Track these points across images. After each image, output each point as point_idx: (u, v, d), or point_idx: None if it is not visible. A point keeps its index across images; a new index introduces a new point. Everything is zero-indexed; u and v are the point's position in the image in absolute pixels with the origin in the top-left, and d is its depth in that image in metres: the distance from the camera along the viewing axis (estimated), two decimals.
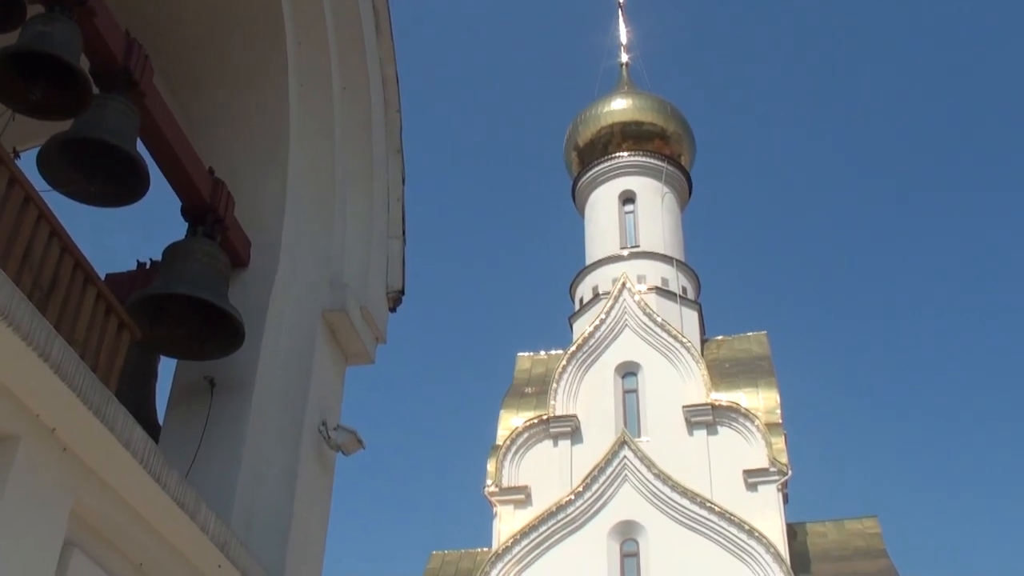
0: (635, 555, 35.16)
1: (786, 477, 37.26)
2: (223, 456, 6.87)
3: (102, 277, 6.22)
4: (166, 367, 7.63)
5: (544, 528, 35.09)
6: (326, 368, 7.76)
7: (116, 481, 4.78)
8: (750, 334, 43.92)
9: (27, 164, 6.40)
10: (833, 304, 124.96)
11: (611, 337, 39.77)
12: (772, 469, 36.88)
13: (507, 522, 36.86)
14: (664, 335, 39.31)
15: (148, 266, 7.38)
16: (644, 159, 45.70)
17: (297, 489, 7.08)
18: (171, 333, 7.00)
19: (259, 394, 7.08)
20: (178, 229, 7.42)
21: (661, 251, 43.48)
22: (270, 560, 6.63)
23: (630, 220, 45.11)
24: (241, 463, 6.86)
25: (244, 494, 6.79)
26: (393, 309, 8.87)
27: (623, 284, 40.61)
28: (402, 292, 8.90)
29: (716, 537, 34.35)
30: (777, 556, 33.75)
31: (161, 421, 7.39)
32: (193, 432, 6.96)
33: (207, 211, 7.17)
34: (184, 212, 7.28)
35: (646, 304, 40.16)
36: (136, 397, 6.79)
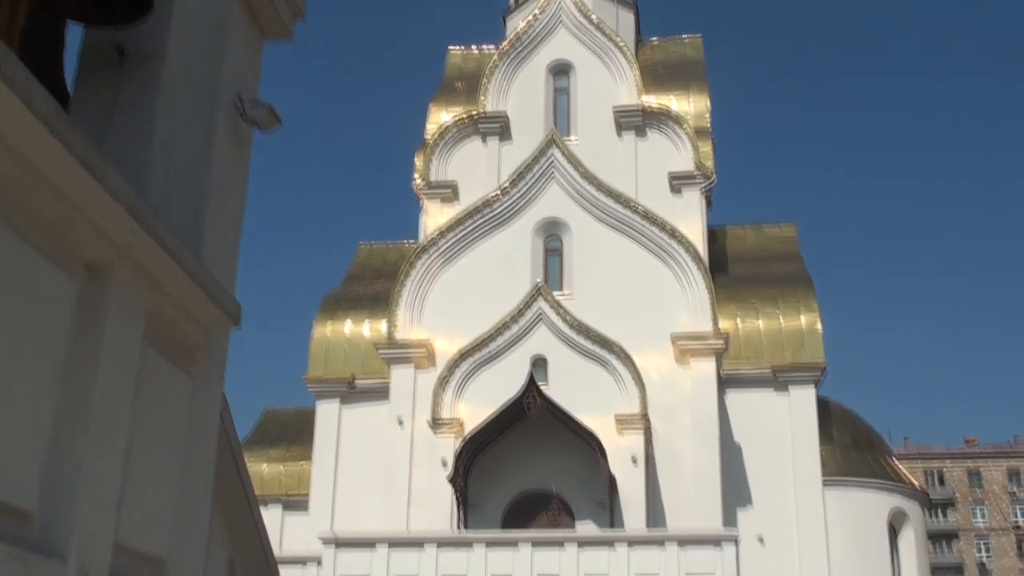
0: (559, 252, 36.05)
1: (710, 182, 37.93)
2: (135, 129, 6.73)
3: None
4: (74, 38, 7.35)
5: (470, 223, 35.64)
6: (240, 40, 7.51)
7: (17, 141, 4.66)
8: (685, 38, 43.48)
9: None
10: (768, 7, 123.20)
11: (545, 35, 39.14)
12: (697, 173, 37.47)
13: (434, 217, 37.38)
14: (599, 35, 38.76)
15: None
16: None
17: (213, 163, 7.02)
18: None
19: (171, 65, 6.86)
20: None
21: None
22: (187, 232, 6.63)
23: None
24: (154, 136, 6.73)
25: (158, 167, 6.70)
26: None
27: None
28: None
29: (639, 237, 35.21)
30: (696, 257, 34.82)
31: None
32: (103, 105, 6.79)
33: None
34: None
35: (582, 2, 39.31)
36: (41, 63, 6.55)
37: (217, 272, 6.84)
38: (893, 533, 37.26)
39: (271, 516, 36.96)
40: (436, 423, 33.05)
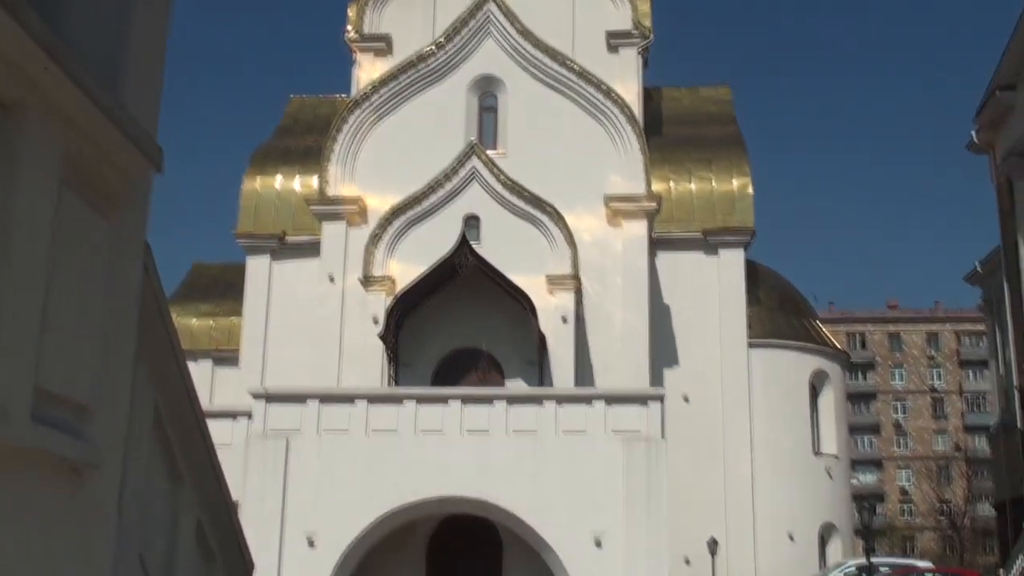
0: (493, 109, 35.63)
1: (647, 41, 37.53)
2: None
3: None
4: None
5: (404, 78, 34.99)
6: None
7: None
8: None
9: None
10: None
11: None
12: (635, 32, 37.03)
13: (367, 71, 36.65)
14: None
15: None
16: None
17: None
18: None
19: None
20: None
21: None
22: (104, 71, 6.38)
23: None
24: None
25: (74, 8, 6.42)
26: None
27: None
28: None
29: (574, 96, 34.88)
30: (631, 117, 34.62)
31: None
32: None
33: None
34: None
35: None
36: None
37: (138, 114, 6.61)
38: (814, 393, 38.30)
39: (201, 370, 36.96)
40: (368, 280, 32.99)
